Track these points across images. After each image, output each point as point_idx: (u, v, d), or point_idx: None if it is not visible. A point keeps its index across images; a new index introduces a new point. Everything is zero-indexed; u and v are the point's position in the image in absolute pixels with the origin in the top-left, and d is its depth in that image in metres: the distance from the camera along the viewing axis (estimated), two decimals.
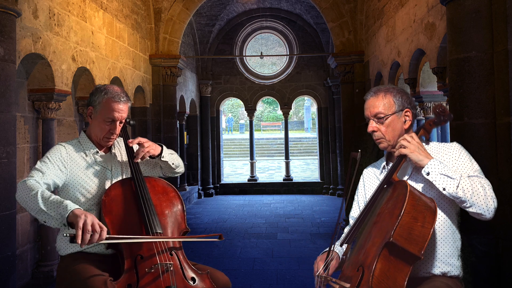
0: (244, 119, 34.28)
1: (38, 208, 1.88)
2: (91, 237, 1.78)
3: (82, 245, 1.76)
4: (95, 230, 1.79)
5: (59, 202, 1.87)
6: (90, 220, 1.79)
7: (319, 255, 2.01)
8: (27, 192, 1.93)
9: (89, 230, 1.77)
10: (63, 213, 1.83)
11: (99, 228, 1.80)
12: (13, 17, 3.53)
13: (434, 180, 1.77)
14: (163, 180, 2.36)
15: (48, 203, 1.87)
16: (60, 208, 1.85)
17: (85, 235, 1.76)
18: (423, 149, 1.84)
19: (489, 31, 2.93)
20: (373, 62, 7.65)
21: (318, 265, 1.94)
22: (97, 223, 1.81)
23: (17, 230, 4.13)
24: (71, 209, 1.83)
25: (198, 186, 11.77)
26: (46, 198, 1.89)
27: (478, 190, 1.73)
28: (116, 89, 2.25)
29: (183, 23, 8.53)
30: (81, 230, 1.75)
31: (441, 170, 1.76)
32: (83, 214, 1.80)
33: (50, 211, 1.86)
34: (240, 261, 5.48)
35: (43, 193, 1.92)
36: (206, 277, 2.08)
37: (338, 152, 11.15)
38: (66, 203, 1.86)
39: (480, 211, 1.74)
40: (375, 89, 2.03)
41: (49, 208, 1.86)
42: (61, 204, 1.86)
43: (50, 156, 2.16)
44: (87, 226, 1.77)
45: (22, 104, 4.60)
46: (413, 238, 1.66)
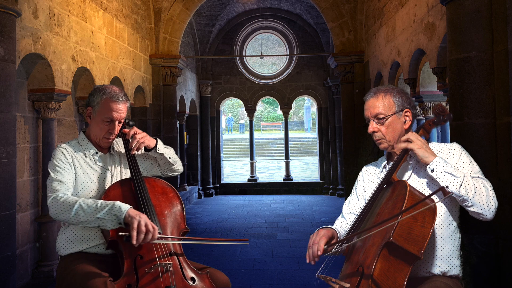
0: (244, 119, 34.29)
1: (93, 218, 1.97)
2: (144, 236, 1.89)
3: (136, 244, 1.88)
4: (149, 230, 1.90)
5: (110, 205, 1.97)
6: (143, 221, 1.91)
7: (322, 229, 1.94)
8: (67, 207, 2.00)
9: (143, 231, 1.89)
10: (119, 215, 1.94)
11: (152, 228, 1.91)
12: (13, 17, 3.53)
13: (438, 177, 1.78)
14: (163, 180, 2.36)
15: (99, 208, 1.97)
16: (113, 210, 1.95)
17: (140, 236, 1.88)
18: (428, 147, 1.86)
19: (489, 31, 2.93)
20: (373, 62, 7.65)
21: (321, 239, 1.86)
22: (150, 223, 1.92)
23: (17, 230, 4.13)
24: (126, 210, 1.94)
25: (198, 186, 11.77)
26: (94, 205, 1.98)
27: (481, 190, 1.74)
28: (115, 89, 2.26)
29: (183, 23, 8.53)
30: (136, 231, 1.87)
31: (445, 168, 1.78)
32: (138, 215, 1.92)
33: (105, 216, 1.95)
34: (240, 261, 5.48)
35: (86, 202, 2.00)
36: (206, 277, 2.08)
37: (338, 152, 11.14)
38: (118, 205, 1.96)
39: (481, 211, 1.75)
40: (375, 89, 2.03)
41: (103, 213, 1.96)
42: (114, 207, 1.96)
43: (57, 162, 2.17)
44: (141, 227, 1.89)
45: (22, 104, 4.60)
46: (412, 238, 1.66)
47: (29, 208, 4.65)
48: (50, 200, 2.04)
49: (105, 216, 1.95)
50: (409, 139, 1.86)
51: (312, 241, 1.89)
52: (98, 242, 2.14)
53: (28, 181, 4.66)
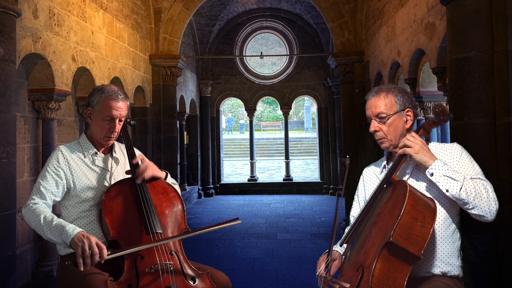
0: (244, 119, 34.28)
1: (47, 237, 1.99)
2: (92, 259, 1.84)
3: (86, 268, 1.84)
4: (94, 252, 1.84)
5: (61, 227, 1.94)
6: (87, 245, 1.84)
7: (321, 255, 2.01)
8: (34, 218, 2.04)
9: (88, 255, 1.83)
10: (66, 240, 1.91)
11: (97, 249, 1.85)
12: (13, 17, 3.53)
13: (438, 181, 1.78)
14: (163, 180, 2.36)
15: (52, 229, 1.97)
16: (63, 235, 1.92)
17: (86, 260, 1.83)
18: (427, 149, 1.85)
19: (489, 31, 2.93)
20: (373, 62, 7.66)
21: (320, 265, 1.94)
22: (95, 245, 1.86)
23: (17, 230, 4.13)
24: (71, 237, 1.89)
25: (198, 186, 11.77)
26: (49, 224, 1.98)
27: (481, 192, 1.74)
28: (114, 87, 2.27)
29: (183, 23, 8.53)
30: (81, 258, 1.83)
31: (445, 171, 1.77)
32: (81, 241, 1.86)
33: (55, 238, 1.96)
34: (240, 261, 5.48)
35: (45, 218, 2.00)
36: (206, 277, 2.08)
37: (338, 152, 11.14)
38: (66, 229, 1.92)
39: (482, 213, 1.74)
40: (376, 89, 2.03)
41: (54, 235, 1.96)
42: (63, 231, 1.93)
43: (49, 168, 2.18)
44: (85, 252, 1.83)
45: (22, 104, 4.60)
46: (412, 238, 1.66)
47: None
48: (24, 206, 2.11)
49: (56, 239, 1.96)
50: (406, 145, 1.85)
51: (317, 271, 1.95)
52: None
53: (28, 181, 4.66)
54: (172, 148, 8.62)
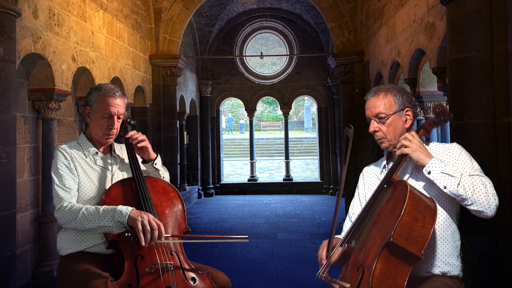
0: (244, 119, 34.28)
1: (97, 225, 1.98)
2: (151, 235, 1.89)
3: (146, 245, 1.89)
4: (153, 227, 1.91)
5: (111, 210, 1.98)
6: (146, 220, 1.91)
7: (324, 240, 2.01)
8: (73, 216, 2.02)
9: (148, 230, 1.90)
10: (122, 220, 1.95)
11: (157, 224, 1.92)
12: (13, 17, 3.53)
13: (435, 179, 1.78)
14: (164, 180, 2.36)
15: (102, 216, 1.98)
16: (116, 216, 1.96)
17: (147, 236, 1.89)
18: (424, 148, 1.85)
19: (489, 31, 2.93)
20: (373, 62, 7.66)
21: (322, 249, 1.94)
22: (153, 220, 1.93)
23: (17, 230, 4.13)
24: (127, 213, 1.95)
25: (198, 186, 11.76)
26: (97, 213, 1.99)
27: (479, 187, 1.74)
28: (110, 85, 2.29)
29: (183, 23, 8.53)
30: (142, 232, 1.88)
31: (442, 169, 1.78)
32: (139, 215, 1.92)
33: (108, 223, 1.96)
34: (240, 261, 5.48)
35: (88, 209, 2.01)
36: (206, 277, 2.08)
37: (338, 152, 11.14)
38: (119, 209, 1.97)
39: (481, 209, 1.74)
40: (376, 89, 2.03)
41: (105, 220, 1.97)
42: (115, 212, 1.97)
43: (60, 166, 2.17)
44: (146, 227, 1.89)
45: (22, 104, 4.60)
46: (413, 238, 1.66)
47: (29, 208, 4.65)
48: (56, 211, 2.09)
49: (108, 224, 1.97)
50: (403, 145, 1.86)
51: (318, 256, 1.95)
52: (98, 241, 2.14)
53: (28, 181, 4.66)
54: (172, 148, 8.62)
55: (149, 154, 2.33)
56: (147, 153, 2.33)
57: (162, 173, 2.39)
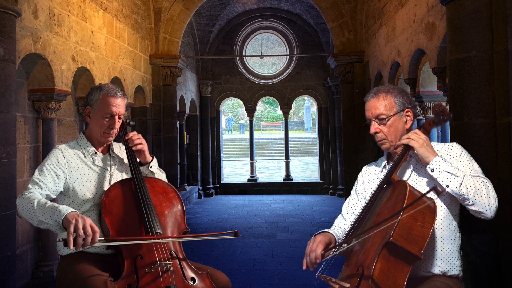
0: (244, 119, 34.28)
1: (38, 220, 1.89)
2: (84, 240, 1.76)
3: (77, 248, 1.76)
4: (87, 233, 1.77)
5: (54, 208, 1.87)
6: (81, 224, 1.77)
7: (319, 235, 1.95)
8: (27, 205, 1.94)
9: (81, 234, 1.75)
10: (58, 220, 1.83)
11: (91, 231, 1.78)
12: (13, 17, 3.53)
13: (438, 177, 1.78)
14: (163, 180, 2.36)
15: (45, 211, 1.87)
16: (55, 214, 1.84)
17: (77, 239, 1.75)
18: (430, 145, 1.86)
19: (489, 31, 2.93)
20: (373, 62, 7.65)
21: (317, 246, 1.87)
22: (89, 226, 1.78)
23: (17, 230, 4.13)
24: (65, 214, 1.82)
25: (198, 186, 11.76)
26: (42, 206, 1.89)
27: (481, 188, 1.75)
28: (111, 85, 2.30)
29: (183, 23, 8.53)
30: (72, 235, 1.74)
31: (445, 167, 1.78)
32: (74, 218, 1.78)
33: (47, 220, 1.86)
34: (240, 261, 5.48)
35: (39, 202, 1.92)
36: (206, 277, 2.08)
37: (338, 152, 11.14)
38: (60, 209, 1.85)
39: (482, 210, 1.75)
40: (376, 90, 2.02)
41: (46, 216, 1.87)
42: (56, 210, 1.85)
43: (47, 164, 2.16)
44: (78, 230, 1.75)
45: (22, 104, 4.60)
46: (412, 238, 1.66)
47: None
48: (18, 197, 2.03)
49: (48, 221, 1.86)
50: (410, 137, 1.86)
51: (309, 248, 1.89)
52: None
53: (28, 181, 4.66)
54: (172, 148, 8.62)
55: (145, 157, 2.33)
56: (143, 156, 2.33)
57: (158, 176, 2.39)
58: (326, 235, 1.96)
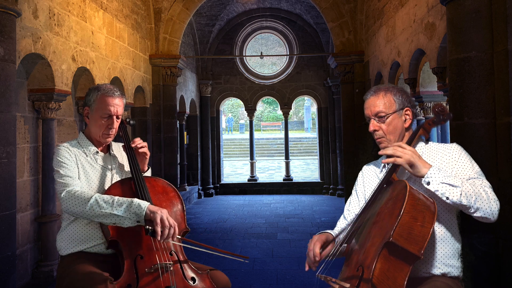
0: (244, 119, 34.28)
1: (109, 212, 1.95)
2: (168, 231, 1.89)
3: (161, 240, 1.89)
4: (171, 224, 1.91)
5: (128, 201, 1.96)
6: (165, 215, 1.91)
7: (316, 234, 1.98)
8: (83, 201, 1.98)
9: (167, 225, 1.89)
10: (139, 212, 1.93)
11: (173, 223, 1.93)
12: (13, 17, 3.53)
13: (436, 190, 1.73)
14: (163, 180, 2.36)
15: (116, 205, 1.95)
16: (132, 207, 1.94)
17: (165, 230, 1.89)
18: (418, 156, 1.77)
19: (489, 31, 2.93)
20: (373, 62, 7.66)
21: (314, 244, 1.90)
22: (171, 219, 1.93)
23: (17, 230, 4.13)
24: (146, 207, 1.93)
25: (198, 186, 11.76)
26: (111, 201, 1.97)
27: (481, 194, 1.71)
28: (109, 85, 2.31)
29: (183, 23, 8.53)
30: (160, 227, 1.88)
31: (441, 178, 1.72)
32: (159, 210, 1.92)
33: (122, 213, 1.94)
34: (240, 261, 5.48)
35: (102, 198, 1.99)
36: (206, 277, 2.08)
37: (338, 152, 11.14)
38: (136, 202, 1.95)
39: (485, 215, 1.72)
40: (375, 88, 2.02)
41: (121, 210, 1.94)
42: (132, 204, 1.95)
43: (62, 159, 2.16)
44: (164, 222, 1.89)
45: (22, 104, 4.60)
46: (412, 238, 1.66)
47: (29, 208, 4.65)
48: (64, 194, 2.03)
49: (123, 214, 1.94)
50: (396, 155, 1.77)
51: (308, 249, 1.91)
52: (98, 241, 2.14)
53: (28, 181, 4.66)
54: (172, 148, 8.62)
55: (144, 165, 2.36)
56: (143, 163, 2.34)
57: None
58: (323, 234, 1.99)
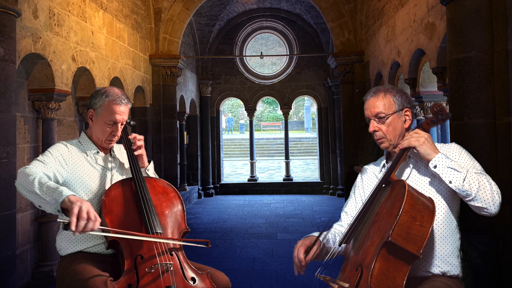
0: (244, 119, 34.28)
1: (33, 191, 1.86)
2: (85, 225, 1.74)
3: (75, 232, 1.73)
4: (90, 218, 1.75)
5: (55, 187, 1.85)
6: (85, 208, 1.75)
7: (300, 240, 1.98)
8: (25, 177, 1.93)
9: (84, 217, 1.73)
10: (58, 198, 1.80)
11: (94, 217, 1.77)
12: (13, 17, 3.53)
13: (441, 173, 1.78)
14: (163, 180, 2.36)
15: (44, 187, 1.85)
16: (55, 193, 1.82)
17: (80, 222, 1.72)
18: (431, 142, 1.85)
19: (489, 31, 2.93)
20: (373, 62, 7.66)
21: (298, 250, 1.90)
22: (93, 212, 1.77)
23: (17, 230, 4.13)
24: (66, 195, 1.80)
25: (198, 186, 11.76)
26: (42, 183, 1.88)
27: (485, 184, 1.74)
28: (117, 91, 2.26)
29: (183, 23, 8.53)
30: (76, 217, 1.72)
31: (448, 163, 1.78)
32: (79, 201, 1.77)
33: (44, 196, 1.83)
34: (240, 261, 5.48)
35: (40, 178, 1.91)
36: (206, 277, 2.08)
37: (338, 152, 11.14)
38: (61, 189, 1.84)
39: (485, 206, 1.74)
40: (375, 89, 2.03)
41: (44, 192, 1.84)
42: (57, 190, 1.83)
43: (52, 151, 2.17)
44: (82, 213, 1.73)
45: (22, 104, 4.60)
46: (411, 237, 1.66)
47: (29, 208, 4.65)
48: (20, 169, 2.01)
49: (45, 197, 1.83)
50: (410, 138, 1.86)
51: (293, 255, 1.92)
52: (98, 241, 2.15)
53: None
54: (172, 148, 8.62)
55: (143, 162, 2.35)
56: (141, 161, 2.34)
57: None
58: (306, 238, 1.98)
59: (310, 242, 1.95)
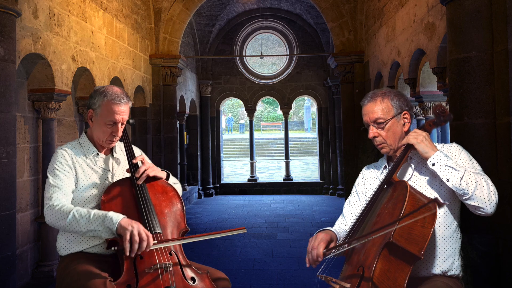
0: (244, 119, 34.28)
1: (86, 229, 1.97)
2: (139, 246, 1.87)
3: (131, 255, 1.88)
4: (142, 238, 1.88)
5: (102, 216, 1.96)
6: (136, 230, 1.88)
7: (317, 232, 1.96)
8: (62, 216, 1.99)
9: (137, 241, 1.87)
10: (111, 227, 1.93)
11: (146, 235, 1.90)
12: (13, 17, 3.52)
13: (439, 171, 1.78)
14: (163, 179, 2.36)
15: (92, 220, 1.96)
16: (106, 221, 1.94)
17: (133, 246, 1.87)
18: (430, 140, 1.86)
19: (489, 31, 2.93)
20: (373, 62, 7.65)
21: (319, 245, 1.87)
22: (144, 231, 1.91)
23: (17, 230, 4.13)
24: (117, 221, 1.92)
25: (198, 186, 11.76)
26: (87, 216, 1.97)
27: (482, 184, 1.75)
28: (116, 90, 2.22)
29: (183, 23, 8.53)
30: (129, 242, 1.86)
31: (446, 162, 1.78)
32: (130, 225, 1.90)
33: (98, 227, 1.95)
34: (240, 261, 5.48)
35: (79, 212, 1.99)
36: (206, 277, 2.08)
37: (338, 152, 11.14)
38: (110, 216, 1.95)
39: (481, 205, 1.74)
40: (372, 94, 2.02)
41: (96, 225, 1.95)
42: (106, 218, 1.95)
43: (57, 166, 2.15)
44: (134, 237, 1.87)
45: (22, 104, 4.59)
46: (413, 238, 1.66)
47: (29, 208, 4.65)
48: (46, 208, 2.06)
49: (98, 228, 1.95)
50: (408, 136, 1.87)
51: (311, 245, 1.90)
52: (98, 242, 2.14)
53: (28, 181, 4.66)
54: (172, 148, 8.62)
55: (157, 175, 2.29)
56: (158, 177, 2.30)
57: (177, 188, 2.37)
58: (327, 232, 1.96)
59: (330, 238, 1.93)
